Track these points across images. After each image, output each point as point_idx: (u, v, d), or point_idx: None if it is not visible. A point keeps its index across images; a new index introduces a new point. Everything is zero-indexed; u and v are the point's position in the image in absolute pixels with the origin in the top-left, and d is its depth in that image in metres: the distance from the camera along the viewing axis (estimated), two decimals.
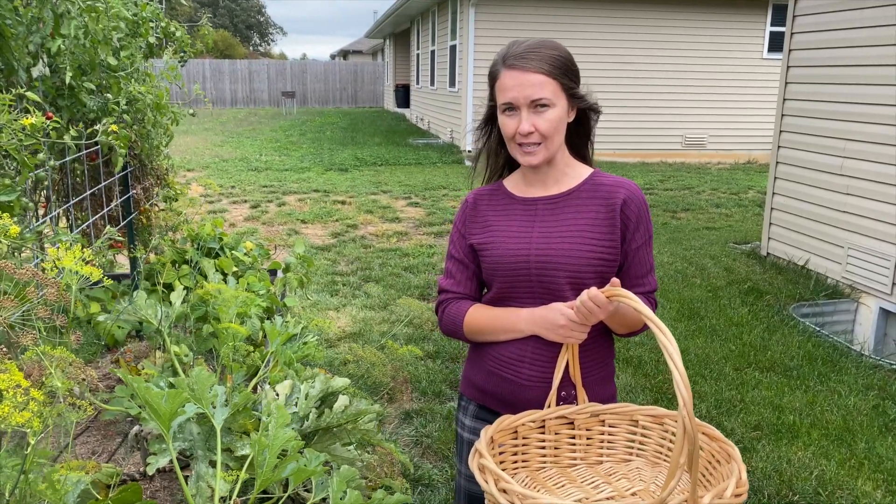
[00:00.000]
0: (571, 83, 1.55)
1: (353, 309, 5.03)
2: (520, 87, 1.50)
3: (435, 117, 16.18)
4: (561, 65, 1.52)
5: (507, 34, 12.53)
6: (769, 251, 6.33)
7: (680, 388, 1.04)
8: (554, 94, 1.51)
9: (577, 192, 1.61)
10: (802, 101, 5.85)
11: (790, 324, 4.81)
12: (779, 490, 2.96)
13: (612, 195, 1.58)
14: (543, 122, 1.52)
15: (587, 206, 1.59)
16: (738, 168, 12.69)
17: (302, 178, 10.73)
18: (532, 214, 1.63)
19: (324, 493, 2.18)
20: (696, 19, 12.88)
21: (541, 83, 1.49)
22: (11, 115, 1.38)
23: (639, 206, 1.59)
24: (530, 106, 1.51)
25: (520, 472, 1.57)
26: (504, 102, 1.54)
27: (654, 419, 1.48)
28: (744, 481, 1.16)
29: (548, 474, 1.57)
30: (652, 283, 1.65)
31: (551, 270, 1.57)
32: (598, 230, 1.57)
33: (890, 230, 4.93)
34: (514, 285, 1.61)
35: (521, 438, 1.56)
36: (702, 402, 3.69)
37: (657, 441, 1.49)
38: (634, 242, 1.59)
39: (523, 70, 1.50)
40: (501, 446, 1.54)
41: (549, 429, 1.55)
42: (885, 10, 4.95)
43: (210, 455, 2.51)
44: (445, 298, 1.74)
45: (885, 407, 3.69)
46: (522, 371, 1.63)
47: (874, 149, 5.08)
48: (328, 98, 28.87)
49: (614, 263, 1.58)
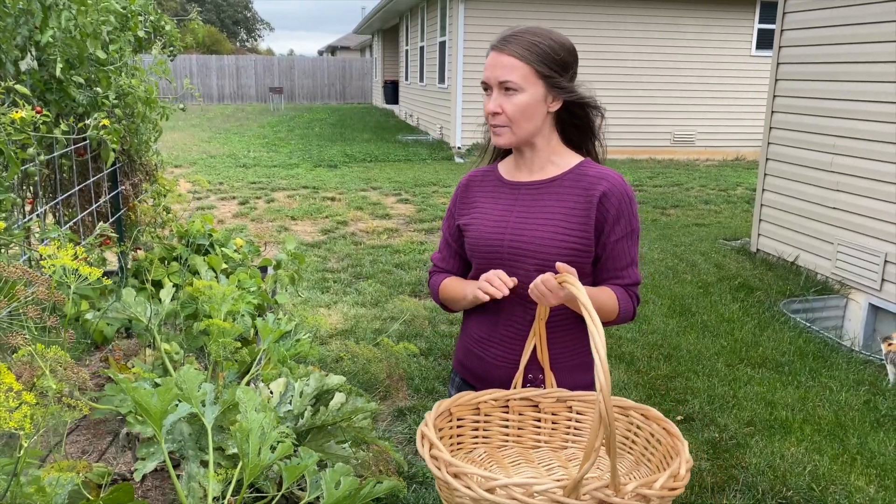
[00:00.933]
0: (551, 72, 1.55)
1: (345, 306, 5.00)
2: (491, 68, 1.56)
3: (424, 114, 16.14)
4: (540, 52, 1.54)
5: (497, 30, 12.47)
6: (759, 247, 6.35)
7: (599, 375, 1.05)
8: (523, 79, 1.53)
9: (560, 180, 1.63)
10: (792, 97, 5.87)
11: (781, 320, 4.83)
12: (773, 486, 2.97)
13: (592, 187, 1.59)
14: (509, 105, 1.55)
15: (567, 195, 1.61)
16: (727, 165, 12.75)
17: (291, 174, 10.66)
18: (514, 199, 1.67)
19: (318, 492, 2.15)
20: (684, 16, 12.91)
21: (511, 66, 1.53)
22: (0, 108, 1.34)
23: (620, 200, 1.59)
24: (500, 87, 1.55)
25: (479, 447, 1.60)
26: (481, 82, 1.61)
27: (621, 410, 1.48)
28: (681, 476, 1.16)
29: (507, 452, 1.60)
30: (632, 276, 1.65)
31: (522, 256, 1.61)
32: (573, 220, 1.59)
33: (879, 227, 4.96)
34: (488, 266, 1.65)
35: (484, 415, 1.59)
36: (695, 399, 3.70)
37: (622, 432, 1.49)
38: (613, 235, 1.59)
39: (500, 52, 1.55)
40: (461, 420, 1.58)
41: (512, 409, 1.58)
42: (874, 7, 4.97)
43: (201, 455, 2.48)
44: (432, 271, 1.87)
45: (876, 402, 3.70)
46: (491, 350, 1.71)
47: (864, 146, 5.10)
48: (316, 94, 28.74)
49: (587, 254, 1.60)
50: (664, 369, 4.04)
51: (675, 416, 3.53)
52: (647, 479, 1.12)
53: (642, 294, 5.33)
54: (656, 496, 1.11)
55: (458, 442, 1.60)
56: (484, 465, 1.59)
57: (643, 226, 7.71)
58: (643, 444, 1.45)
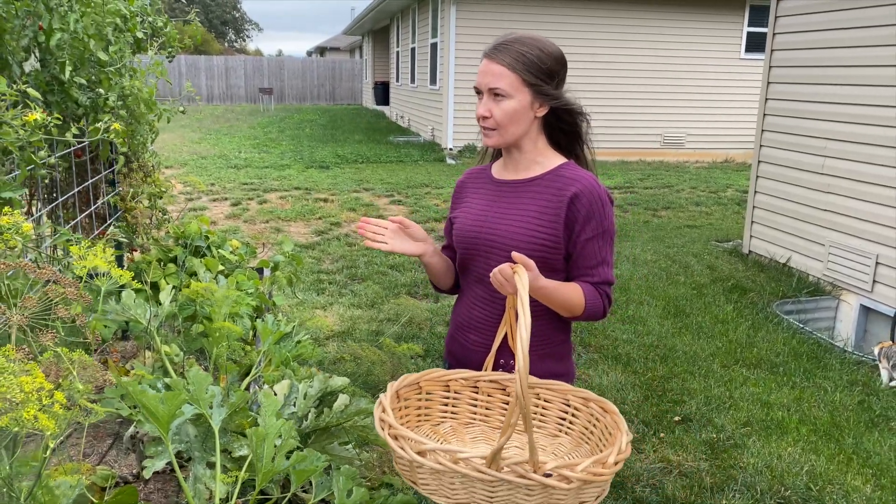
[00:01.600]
0: (537, 80, 1.65)
1: (341, 308, 5.00)
2: (482, 75, 1.67)
3: (415, 115, 16.14)
4: (527, 62, 1.63)
5: (489, 32, 12.52)
6: (751, 249, 6.40)
7: (518, 355, 1.14)
8: (511, 87, 1.63)
9: (539, 180, 1.72)
10: (784, 100, 5.93)
11: (774, 321, 4.87)
12: (771, 485, 3.00)
13: (565, 188, 1.68)
14: (497, 110, 1.65)
15: (542, 194, 1.70)
16: (716, 167, 12.83)
17: (282, 175, 10.64)
18: (497, 195, 1.78)
19: (324, 493, 2.15)
20: (675, 20, 12.99)
21: (499, 74, 1.63)
22: (14, 111, 1.34)
23: (591, 201, 1.66)
24: (489, 93, 1.65)
25: (447, 421, 1.69)
26: (474, 86, 1.73)
27: (584, 401, 1.54)
28: (609, 464, 1.21)
29: (472, 430, 1.68)
30: (602, 275, 1.70)
31: (495, 248, 1.71)
32: (544, 218, 1.68)
33: (871, 228, 5.02)
34: (467, 256, 1.79)
35: (454, 392, 1.67)
36: (692, 399, 3.73)
37: (583, 423, 1.54)
38: (584, 234, 1.66)
39: (490, 60, 1.65)
40: (430, 394, 1.66)
41: (482, 390, 1.66)
42: (866, 11, 5.02)
43: (207, 456, 2.47)
44: None
45: (870, 402, 3.75)
46: (469, 335, 1.82)
47: (855, 148, 5.15)
48: (306, 95, 28.67)
49: (556, 251, 1.68)
50: (660, 370, 4.06)
51: (673, 416, 3.55)
52: (570, 462, 1.19)
53: (637, 295, 5.36)
54: (577, 478, 1.16)
55: (425, 414, 1.69)
56: (445, 437, 1.68)
57: (635, 227, 7.75)
58: (598, 436, 1.50)
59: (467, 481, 1.25)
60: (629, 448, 1.29)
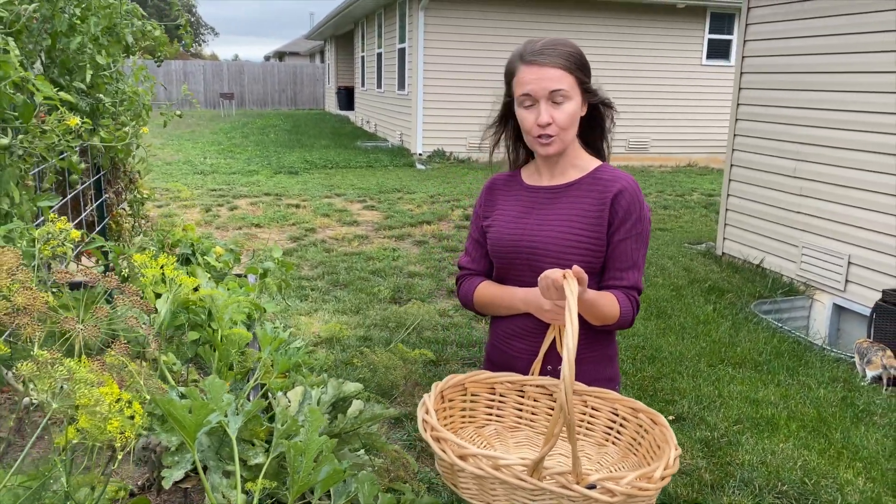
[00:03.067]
0: (585, 78, 1.64)
1: (325, 314, 4.95)
2: (538, 81, 1.59)
3: (382, 120, 16.10)
4: (576, 60, 1.61)
5: (457, 37, 12.58)
6: (724, 251, 6.55)
7: (565, 368, 1.12)
8: (571, 87, 1.59)
9: (578, 183, 1.69)
10: (756, 105, 6.08)
11: (753, 321, 4.99)
12: (768, 481, 3.06)
13: (606, 189, 1.65)
14: (561, 114, 1.60)
15: (583, 198, 1.67)
16: (680, 171, 13.09)
17: (251, 181, 10.50)
18: (533, 202, 1.73)
19: (342, 500, 2.14)
20: (638, 27, 13.23)
21: (559, 77, 1.58)
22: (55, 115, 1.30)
23: (629, 202, 1.63)
24: (548, 98, 1.59)
25: (492, 424, 1.67)
26: (523, 94, 1.61)
27: (633, 412, 1.52)
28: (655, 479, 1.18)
29: (517, 434, 1.65)
30: (631, 279, 1.66)
31: (538, 257, 1.67)
32: (587, 221, 1.64)
33: (843, 229, 5.18)
34: (507, 267, 1.73)
35: (499, 395, 1.65)
36: (683, 399, 3.79)
37: (631, 434, 1.51)
38: (618, 235, 1.63)
39: (541, 65, 1.58)
40: (475, 396, 1.64)
41: (528, 394, 1.64)
42: (834, 20, 5.19)
43: (223, 465, 2.43)
44: (462, 275, 1.88)
45: (853, 398, 3.86)
46: (514, 343, 1.77)
47: (828, 152, 5.32)
48: (266, 100, 28.35)
49: (600, 254, 1.64)
50: (650, 371, 4.12)
51: (667, 416, 3.60)
52: (615, 475, 1.16)
53: None
54: (622, 493, 1.13)
55: (470, 415, 1.66)
56: (489, 441, 1.65)
57: None
58: (647, 448, 1.47)
59: (509, 488, 1.23)
60: (677, 463, 1.25)
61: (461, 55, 12.66)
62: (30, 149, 1.32)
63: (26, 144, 1.22)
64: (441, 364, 4.09)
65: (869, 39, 4.91)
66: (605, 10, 12.96)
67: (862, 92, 4.99)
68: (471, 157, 13.05)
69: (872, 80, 4.89)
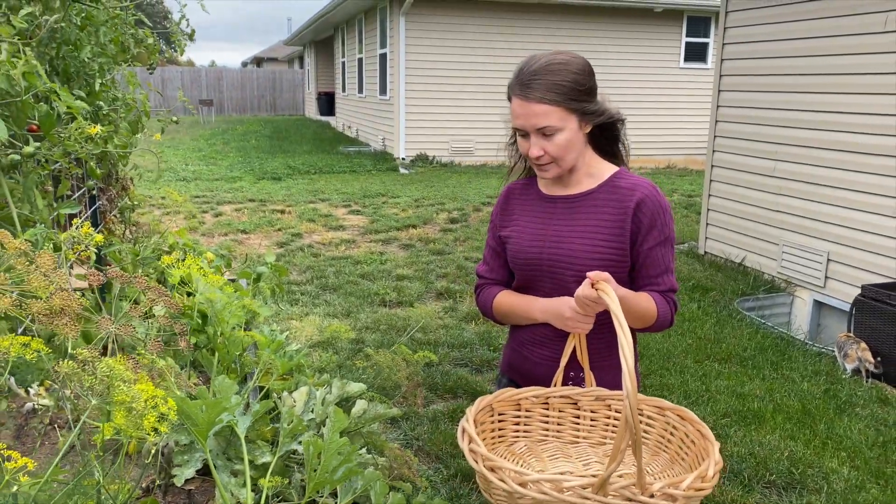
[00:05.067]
0: (580, 104, 1.60)
1: (316, 318, 4.98)
2: (525, 117, 1.59)
3: (364, 125, 16.13)
4: (566, 90, 1.57)
5: (439, 42, 12.66)
6: (706, 250, 6.67)
7: (626, 381, 1.12)
8: (560, 120, 1.58)
9: (596, 193, 1.69)
10: (735, 107, 6.22)
11: (737, 317, 5.10)
12: (756, 471, 3.15)
13: (626, 198, 1.65)
14: (552, 146, 1.60)
15: (602, 207, 1.67)
16: (660, 172, 13.26)
17: (234, 187, 10.48)
18: (551, 213, 1.73)
19: (349, 497, 2.18)
20: (617, 31, 13.40)
21: (545, 112, 1.56)
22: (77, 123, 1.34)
23: (653, 209, 1.64)
24: (537, 133, 1.59)
25: (520, 440, 1.67)
26: (514, 126, 1.65)
27: (658, 410, 1.55)
28: (709, 477, 1.21)
29: (547, 447, 1.66)
30: (668, 283, 1.69)
31: (560, 267, 1.68)
32: (608, 231, 1.65)
33: (822, 228, 5.31)
34: (528, 277, 1.74)
35: (525, 411, 1.66)
36: (671, 394, 3.88)
37: (659, 432, 1.55)
38: (647, 244, 1.65)
39: (528, 101, 1.57)
40: (502, 415, 1.65)
41: (552, 406, 1.65)
42: (811, 23, 5.33)
43: (231, 465, 2.47)
44: (480, 284, 1.90)
45: (835, 390, 3.97)
46: (536, 350, 1.79)
47: (806, 152, 5.45)
48: (245, 106, 28.25)
49: (623, 264, 1.66)
50: (638, 367, 4.21)
51: None
52: (674, 480, 1.18)
53: None
54: (682, 496, 1.16)
55: (499, 435, 1.67)
56: (523, 458, 1.66)
57: None
58: (678, 444, 1.51)
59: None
60: (721, 458, 1.28)
61: (443, 60, 12.75)
62: (48, 156, 1.35)
63: (46, 151, 1.25)
64: (433, 365, 4.14)
65: (843, 42, 5.05)
66: (584, 14, 13.11)
67: (837, 93, 5.13)
68: (453, 161, 13.12)
69: (847, 81, 5.03)
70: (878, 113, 4.79)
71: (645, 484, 1.16)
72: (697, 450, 1.43)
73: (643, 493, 1.16)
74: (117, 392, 1.01)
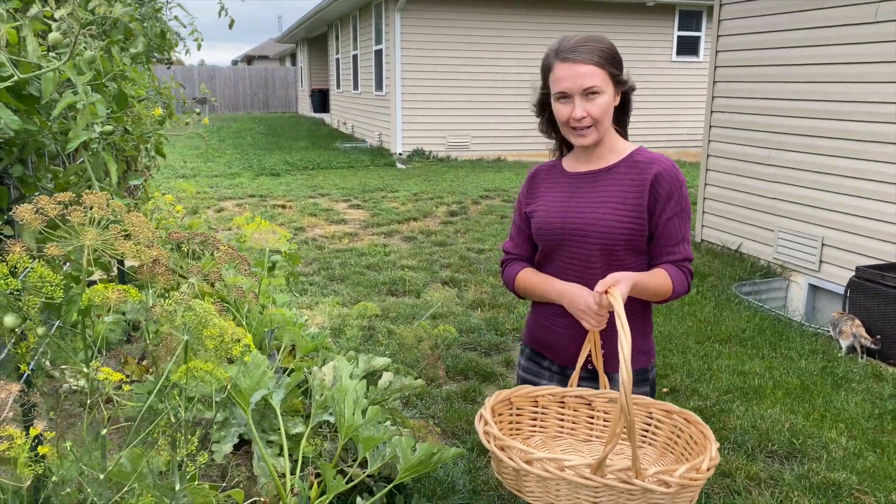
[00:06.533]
0: (617, 71, 1.76)
1: (326, 306, 5.10)
2: (572, 79, 1.71)
3: (360, 121, 16.23)
4: (608, 55, 1.73)
5: (434, 38, 12.77)
6: (703, 238, 6.82)
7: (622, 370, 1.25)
8: (603, 82, 1.72)
9: (616, 167, 1.82)
10: (731, 98, 6.36)
11: (735, 301, 5.25)
12: (759, 442, 3.30)
13: (645, 171, 1.77)
14: (595, 108, 1.72)
15: (622, 180, 1.80)
16: None
17: (234, 183, 10.57)
18: (574, 188, 1.86)
19: (379, 463, 2.31)
20: (610, 25, 13.53)
21: (591, 73, 1.70)
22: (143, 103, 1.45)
23: (670, 182, 1.76)
24: (583, 94, 1.71)
25: (537, 435, 1.80)
26: (558, 91, 1.75)
27: (666, 413, 1.66)
28: (703, 470, 1.33)
29: (561, 443, 1.79)
30: (683, 252, 1.81)
31: (583, 237, 1.79)
32: (628, 203, 1.76)
33: (816, 213, 5.46)
34: (551, 246, 1.86)
35: (542, 407, 1.79)
36: (675, 373, 4.02)
37: (667, 434, 1.66)
38: (665, 214, 1.76)
39: (575, 62, 1.70)
40: (520, 409, 1.77)
41: (568, 405, 1.78)
42: (804, 14, 5.48)
43: (265, 436, 2.60)
44: (505, 259, 2.03)
45: (832, 368, 4.12)
46: (558, 320, 1.90)
47: (799, 140, 5.60)
48: (238, 104, 28.27)
49: (642, 233, 1.77)
50: (652, 341, 4.35)
51: (662, 388, 3.83)
52: (668, 468, 1.30)
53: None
54: (676, 482, 1.28)
55: (516, 428, 1.80)
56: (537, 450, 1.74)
57: None
58: (683, 446, 1.63)
59: (573, 488, 1.35)
60: (718, 455, 1.41)
61: (438, 55, 12.86)
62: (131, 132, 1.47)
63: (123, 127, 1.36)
64: (445, 348, 4.27)
65: (835, 33, 5.20)
66: (578, 8, 13.25)
67: (830, 83, 5.28)
68: (450, 156, 13.24)
69: (839, 70, 5.18)
70: (871, 101, 4.95)
71: (640, 469, 1.28)
72: (700, 449, 1.55)
73: (638, 476, 1.28)
74: (210, 328, 1.13)
